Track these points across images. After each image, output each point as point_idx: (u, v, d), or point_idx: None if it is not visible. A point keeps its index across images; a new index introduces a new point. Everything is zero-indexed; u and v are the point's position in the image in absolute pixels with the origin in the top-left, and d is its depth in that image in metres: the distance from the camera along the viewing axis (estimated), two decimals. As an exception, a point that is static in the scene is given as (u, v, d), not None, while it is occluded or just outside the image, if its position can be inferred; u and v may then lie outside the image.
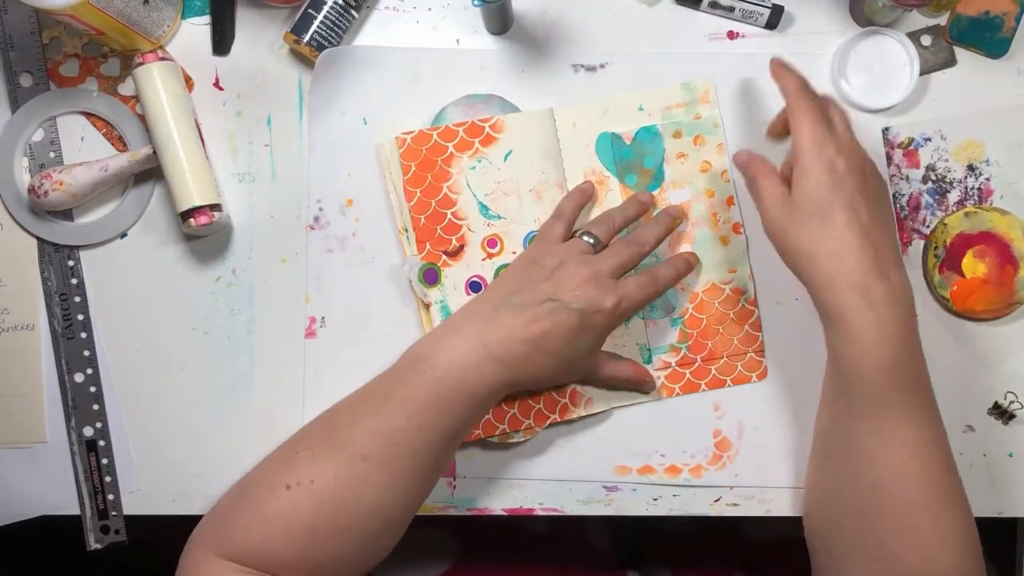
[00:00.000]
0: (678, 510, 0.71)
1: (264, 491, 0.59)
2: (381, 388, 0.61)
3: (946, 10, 0.71)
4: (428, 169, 0.70)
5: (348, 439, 0.59)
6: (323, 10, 0.70)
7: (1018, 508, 0.71)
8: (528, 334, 0.60)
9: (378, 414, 0.59)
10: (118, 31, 0.67)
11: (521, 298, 0.62)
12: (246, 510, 0.59)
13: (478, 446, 0.70)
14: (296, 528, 0.57)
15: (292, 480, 0.58)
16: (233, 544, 0.58)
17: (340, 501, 0.58)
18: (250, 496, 0.59)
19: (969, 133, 0.71)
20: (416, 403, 0.59)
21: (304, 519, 0.58)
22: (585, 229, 0.66)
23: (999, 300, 0.70)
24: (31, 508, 0.72)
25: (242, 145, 0.72)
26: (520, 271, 0.64)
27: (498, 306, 0.62)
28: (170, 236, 0.72)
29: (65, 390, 0.72)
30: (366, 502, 0.58)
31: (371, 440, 0.58)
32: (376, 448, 0.58)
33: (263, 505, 0.58)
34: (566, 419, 0.70)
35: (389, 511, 0.60)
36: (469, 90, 0.71)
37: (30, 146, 0.72)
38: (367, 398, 0.61)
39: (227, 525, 0.59)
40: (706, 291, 0.70)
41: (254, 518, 0.58)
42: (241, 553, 0.58)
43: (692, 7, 0.70)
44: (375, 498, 0.58)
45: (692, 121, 0.71)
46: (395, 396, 0.60)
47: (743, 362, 0.71)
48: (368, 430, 0.59)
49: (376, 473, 0.58)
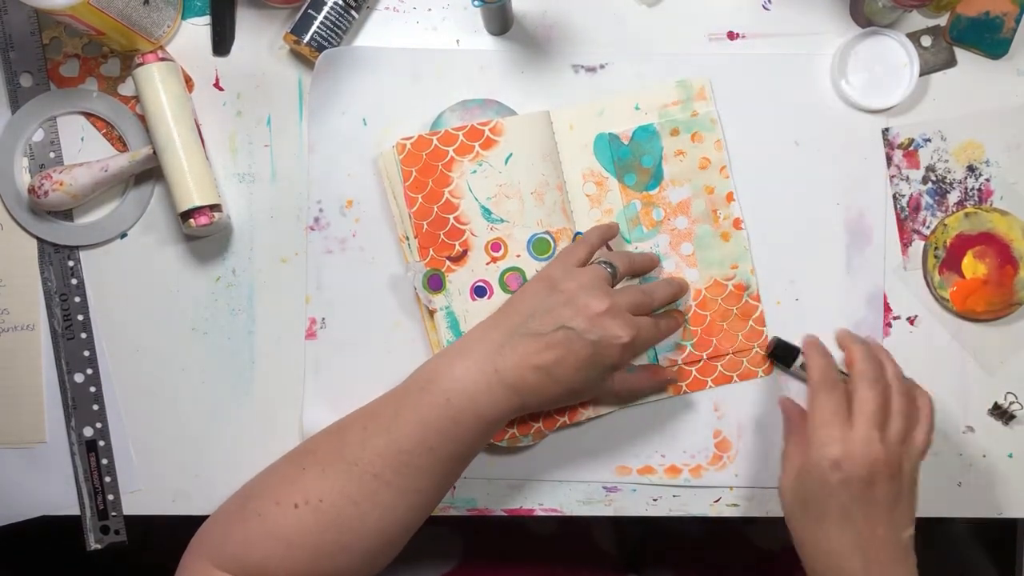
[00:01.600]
0: (678, 510, 0.71)
1: (270, 505, 0.58)
2: (392, 407, 0.61)
3: (946, 11, 0.71)
4: (429, 174, 0.70)
5: (358, 457, 0.58)
6: (323, 10, 0.70)
7: (1018, 508, 0.71)
8: (541, 361, 0.60)
9: (388, 433, 0.59)
10: (118, 31, 0.67)
11: (536, 324, 0.60)
12: (249, 523, 0.58)
13: (486, 450, 0.70)
14: (299, 545, 0.57)
15: (300, 498, 0.58)
16: (234, 557, 0.58)
17: (345, 520, 0.58)
18: (254, 509, 0.59)
19: (969, 134, 0.71)
20: (426, 425, 0.59)
21: (309, 537, 0.57)
22: (605, 259, 0.65)
23: (999, 301, 0.70)
24: (31, 508, 0.72)
25: (242, 145, 0.72)
26: (537, 293, 0.63)
27: (512, 332, 0.61)
28: (170, 236, 0.72)
29: (65, 390, 0.72)
30: (370, 521, 0.58)
31: (380, 459, 0.58)
32: (385, 467, 0.58)
33: (267, 520, 0.58)
34: (575, 421, 0.70)
35: (392, 530, 0.59)
36: (469, 91, 0.71)
37: (30, 146, 0.72)
38: (377, 416, 0.61)
39: (229, 537, 0.59)
40: (709, 287, 0.70)
41: (258, 533, 0.58)
42: (241, 567, 0.57)
43: (783, 368, 0.70)
44: (379, 517, 0.58)
45: (689, 118, 0.71)
46: (406, 417, 0.59)
47: (748, 358, 0.71)
48: (378, 449, 0.59)
49: (383, 492, 0.58)
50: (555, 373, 0.60)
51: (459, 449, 0.60)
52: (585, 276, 0.62)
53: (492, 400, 0.59)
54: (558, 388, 0.61)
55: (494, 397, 0.59)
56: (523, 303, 0.62)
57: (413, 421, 0.59)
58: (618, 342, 0.60)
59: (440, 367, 0.61)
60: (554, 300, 0.61)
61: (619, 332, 0.60)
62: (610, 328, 0.60)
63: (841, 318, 0.71)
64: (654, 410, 0.71)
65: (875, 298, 0.71)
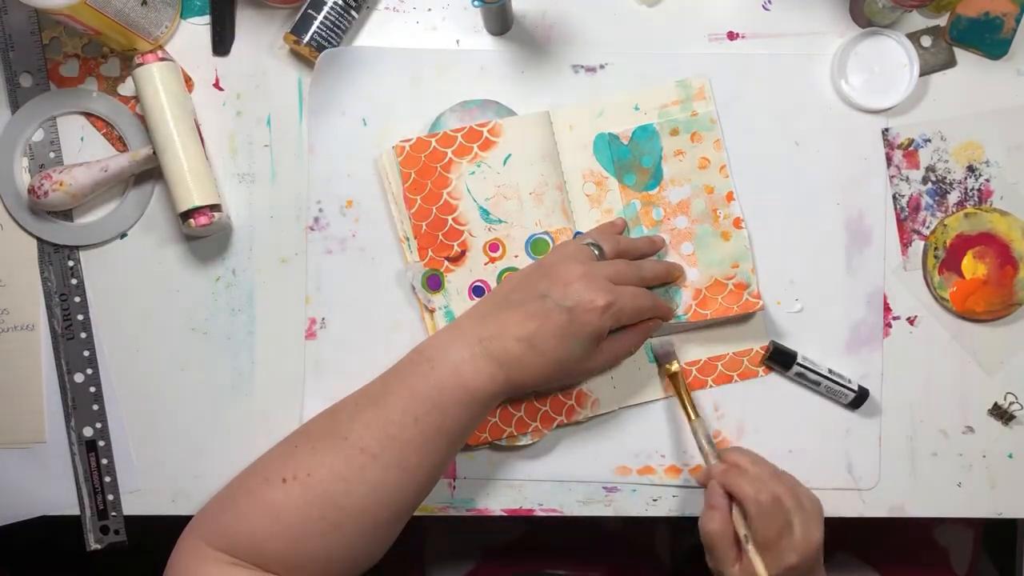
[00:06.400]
0: (678, 511, 0.71)
1: (259, 482, 0.59)
2: (381, 382, 0.62)
3: (946, 11, 0.71)
4: (428, 176, 0.70)
5: (347, 431, 0.59)
6: (323, 10, 0.70)
7: (1018, 508, 0.71)
8: (522, 332, 0.60)
9: (376, 406, 0.60)
10: (116, 31, 0.67)
11: (516, 295, 0.62)
12: (239, 500, 0.59)
13: (484, 448, 0.70)
14: (287, 521, 0.58)
15: (289, 473, 0.58)
16: (224, 535, 0.58)
17: (333, 496, 0.58)
18: (246, 487, 0.60)
19: (969, 134, 0.71)
20: (412, 395, 0.60)
21: (296, 512, 0.58)
22: (592, 240, 0.66)
23: (999, 301, 0.70)
24: (31, 508, 0.72)
25: (242, 145, 0.72)
26: (524, 272, 0.65)
27: (496, 304, 0.63)
28: (170, 236, 0.72)
29: (65, 390, 0.72)
30: (357, 497, 0.58)
31: (367, 431, 0.59)
32: (372, 440, 0.59)
33: (257, 496, 0.59)
34: (573, 420, 0.70)
35: (380, 510, 0.60)
36: (469, 91, 0.71)
37: (30, 146, 0.72)
38: (368, 392, 0.62)
39: (220, 515, 0.60)
40: (709, 287, 0.70)
41: (247, 509, 0.59)
42: (231, 544, 0.58)
43: (781, 372, 0.70)
44: (366, 494, 0.59)
45: (688, 118, 0.71)
46: (393, 389, 0.61)
47: (748, 357, 0.71)
48: (365, 420, 0.59)
49: (370, 468, 0.58)
50: (536, 344, 0.60)
51: (446, 423, 0.60)
52: (566, 251, 0.64)
53: (476, 371, 0.60)
54: (542, 360, 0.61)
55: (478, 368, 0.60)
56: (510, 281, 0.65)
57: (399, 392, 0.60)
58: (592, 306, 0.61)
59: (429, 342, 0.63)
60: (535, 274, 0.63)
61: (593, 295, 0.61)
62: (584, 293, 0.61)
63: (841, 318, 0.71)
64: (654, 410, 0.71)
65: (875, 298, 0.71)
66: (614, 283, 0.63)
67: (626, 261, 0.66)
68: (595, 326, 0.61)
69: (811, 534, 0.62)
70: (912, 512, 0.71)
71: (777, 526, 0.61)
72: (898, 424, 0.71)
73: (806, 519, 0.62)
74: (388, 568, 0.65)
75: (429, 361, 0.61)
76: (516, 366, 0.61)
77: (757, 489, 0.62)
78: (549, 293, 0.61)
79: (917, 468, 0.71)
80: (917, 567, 0.89)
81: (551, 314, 0.61)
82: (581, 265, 0.62)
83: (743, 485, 0.62)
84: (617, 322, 0.63)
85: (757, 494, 0.61)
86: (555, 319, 0.61)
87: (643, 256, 0.69)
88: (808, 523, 0.62)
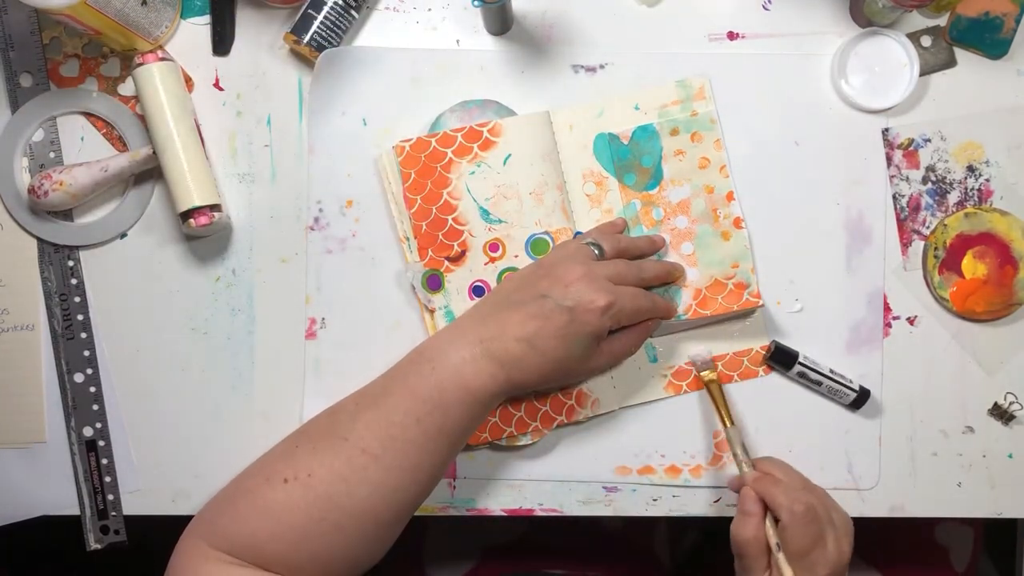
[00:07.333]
0: (678, 511, 0.71)
1: (260, 482, 0.59)
2: (382, 383, 0.62)
3: (946, 11, 0.71)
4: (428, 176, 0.70)
5: (348, 431, 0.59)
6: (323, 10, 0.70)
7: (1018, 508, 0.71)
8: (522, 332, 0.60)
9: (377, 407, 0.60)
10: (116, 31, 0.67)
11: (517, 296, 0.62)
12: (239, 501, 0.59)
13: (484, 448, 0.70)
14: (288, 522, 0.58)
15: (290, 473, 0.58)
16: (225, 535, 0.58)
17: (334, 497, 0.58)
18: (246, 487, 0.60)
19: (969, 134, 0.71)
20: (413, 396, 0.60)
21: (297, 513, 0.58)
22: (591, 239, 0.66)
23: (999, 301, 0.70)
24: (31, 508, 0.72)
25: (242, 145, 0.72)
26: (524, 273, 0.65)
27: (497, 305, 0.63)
28: (170, 236, 0.72)
29: (65, 390, 0.72)
30: (359, 498, 0.58)
31: (368, 432, 0.59)
32: (373, 440, 0.59)
33: (257, 496, 0.58)
34: (573, 420, 0.70)
35: (382, 511, 0.60)
36: (469, 91, 0.71)
37: (30, 146, 0.72)
38: (368, 392, 0.62)
39: (221, 516, 0.59)
40: (709, 287, 0.70)
41: (248, 509, 0.58)
42: (232, 544, 0.58)
43: (782, 371, 0.70)
44: (368, 495, 0.58)
45: (688, 118, 0.71)
46: (393, 390, 0.60)
47: (748, 357, 0.71)
48: (366, 421, 0.59)
49: (372, 468, 0.58)
50: (537, 344, 0.60)
51: (447, 423, 0.60)
52: (566, 251, 0.65)
53: (477, 371, 0.60)
54: (542, 360, 0.61)
55: (479, 368, 0.60)
56: (510, 281, 0.65)
57: (401, 393, 0.60)
58: (593, 306, 0.61)
59: (430, 343, 0.63)
60: (536, 274, 0.63)
61: (593, 296, 0.61)
62: (584, 293, 0.61)
63: (841, 318, 0.71)
64: (654, 410, 0.71)
65: (875, 298, 0.71)
66: (614, 283, 0.63)
67: (626, 261, 0.66)
68: (595, 326, 0.61)
69: (843, 549, 0.62)
70: (912, 512, 0.71)
71: (811, 537, 0.61)
72: (898, 424, 0.71)
73: (838, 534, 0.62)
74: (388, 568, 0.65)
75: (430, 362, 0.60)
76: (517, 366, 0.61)
77: (792, 499, 0.61)
78: (550, 293, 0.61)
79: (917, 468, 0.71)
80: (917, 567, 0.90)
81: (552, 314, 0.61)
82: (581, 265, 0.62)
83: (777, 494, 0.62)
84: (617, 322, 0.63)
85: (792, 504, 0.61)
86: (556, 319, 0.61)
87: (643, 256, 0.69)
88: (840, 538, 0.62)
